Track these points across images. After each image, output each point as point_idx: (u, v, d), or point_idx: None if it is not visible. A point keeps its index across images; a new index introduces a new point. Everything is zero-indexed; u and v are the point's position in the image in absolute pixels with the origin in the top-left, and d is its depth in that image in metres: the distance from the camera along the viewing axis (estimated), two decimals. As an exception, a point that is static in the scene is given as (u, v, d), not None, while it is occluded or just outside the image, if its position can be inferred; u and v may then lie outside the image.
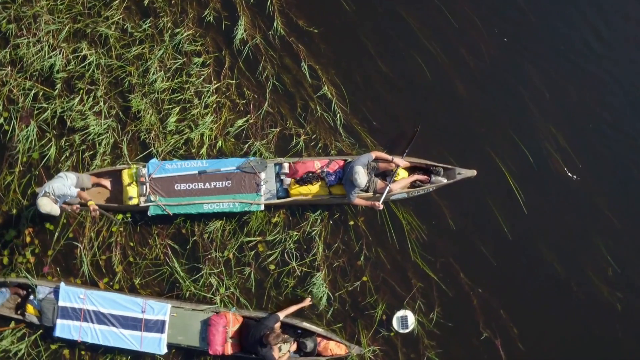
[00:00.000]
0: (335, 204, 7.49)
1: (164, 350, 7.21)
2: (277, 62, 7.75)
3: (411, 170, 7.41)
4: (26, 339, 7.42)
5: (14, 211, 7.56)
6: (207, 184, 7.32)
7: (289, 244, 7.50)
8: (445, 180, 7.30)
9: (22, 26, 7.80)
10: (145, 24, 7.76)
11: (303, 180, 7.24)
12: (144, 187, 7.28)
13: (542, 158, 7.63)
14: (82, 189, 6.96)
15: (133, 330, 7.18)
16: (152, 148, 7.57)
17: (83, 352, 7.45)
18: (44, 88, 7.72)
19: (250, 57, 7.75)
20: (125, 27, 7.76)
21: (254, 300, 7.47)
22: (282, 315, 7.04)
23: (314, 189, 7.25)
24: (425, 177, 7.33)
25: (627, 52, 7.81)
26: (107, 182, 7.43)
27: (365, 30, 7.78)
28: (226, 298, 7.42)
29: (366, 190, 7.16)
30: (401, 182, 7.17)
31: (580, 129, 7.68)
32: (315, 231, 7.50)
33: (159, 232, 7.55)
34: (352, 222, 7.55)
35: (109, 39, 7.73)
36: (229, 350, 7.12)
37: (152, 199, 7.27)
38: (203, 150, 7.55)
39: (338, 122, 7.65)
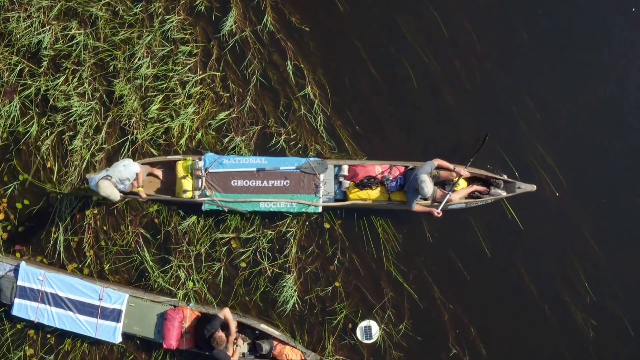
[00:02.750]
0: (393, 210, 7.32)
1: (118, 339, 7.18)
2: (264, 57, 7.61)
3: (470, 180, 7.32)
4: (-13, 314, 7.44)
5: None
6: (265, 182, 7.18)
7: (263, 243, 7.40)
8: (504, 194, 7.20)
9: (15, 0, 7.71)
10: (137, 8, 7.64)
11: (363, 184, 7.12)
12: (200, 181, 7.14)
13: (528, 176, 7.44)
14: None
15: (89, 317, 7.16)
16: (130, 136, 7.49)
17: (49, 336, 7.43)
18: (30, 64, 7.64)
19: (237, 50, 7.61)
20: (116, 9, 7.65)
21: (220, 297, 7.39)
22: (222, 315, 6.82)
23: (373, 194, 7.13)
24: (485, 188, 7.24)
25: (623, 79, 7.60)
26: (159, 172, 7.37)
27: (358, 33, 7.60)
28: (192, 292, 7.34)
29: (425, 199, 7.05)
30: (461, 193, 7.09)
31: (569, 151, 7.49)
32: (290, 232, 7.39)
33: (132, 219, 7.47)
34: (328, 226, 7.43)
35: (99, 20, 7.63)
36: (183, 345, 7.06)
37: (208, 193, 7.14)
38: (182, 141, 7.45)
39: (319, 123, 7.52)
